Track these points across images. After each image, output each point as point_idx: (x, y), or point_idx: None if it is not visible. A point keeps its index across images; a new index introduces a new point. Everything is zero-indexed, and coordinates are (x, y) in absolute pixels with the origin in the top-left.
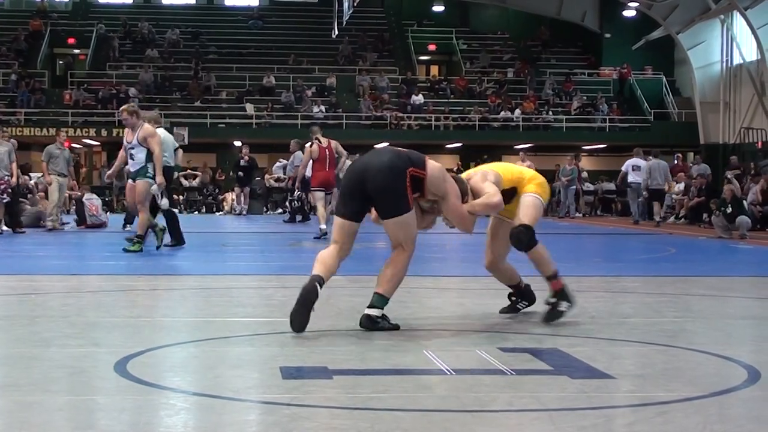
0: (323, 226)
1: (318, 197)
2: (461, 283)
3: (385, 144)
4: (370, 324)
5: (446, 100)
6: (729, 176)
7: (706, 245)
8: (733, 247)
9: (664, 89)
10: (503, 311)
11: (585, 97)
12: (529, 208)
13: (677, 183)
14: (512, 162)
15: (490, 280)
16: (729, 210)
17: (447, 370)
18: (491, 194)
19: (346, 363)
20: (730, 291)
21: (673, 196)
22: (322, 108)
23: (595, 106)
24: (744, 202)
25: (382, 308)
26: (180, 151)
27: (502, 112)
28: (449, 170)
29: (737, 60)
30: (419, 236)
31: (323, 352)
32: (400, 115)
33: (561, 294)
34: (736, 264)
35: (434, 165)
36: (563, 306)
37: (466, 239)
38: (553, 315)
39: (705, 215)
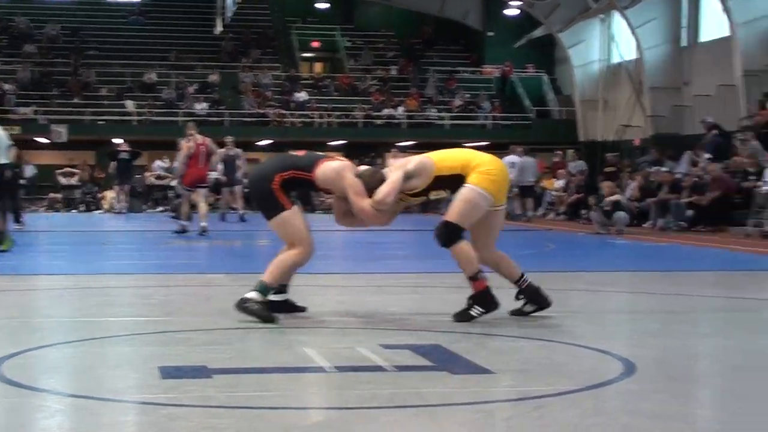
0: (204, 224)
1: (201, 194)
2: (342, 281)
3: (267, 142)
4: (239, 304)
5: (330, 98)
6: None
7: (584, 241)
8: (611, 243)
9: (546, 87)
10: (512, 313)
11: (468, 95)
12: (458, 202)
13: (557, 180)
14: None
15: (371, 278)
16: (607, 206)
17: (328, 367)
18: (380, 190)
19: (226, 362)
20: (608, 286)
21: (553, 192)
22: (205, 105)
23: (478, 104)
24: (621, 198)
25: (263, 293)
26: (14, 149)
27: (386, 110)
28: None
29: (616, 59)
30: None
31: (203, 351)
32: (283, 112)
33: (479, 298)
34: (614, 259)
35: (329, 166)
36: (475, 311)
37: (352, 236)
38: (462, 316)
39: (584, 211)
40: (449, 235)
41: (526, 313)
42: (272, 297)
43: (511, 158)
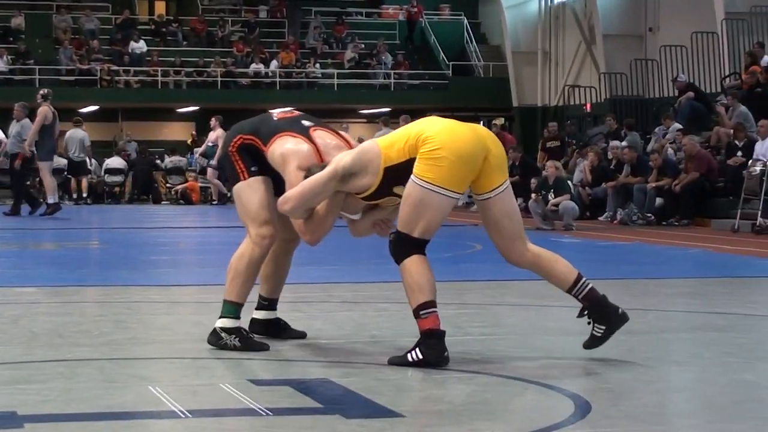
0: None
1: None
2: (198, 295)
3: (93, 108)
4: (212, 340)
5: (177, 49)
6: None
7: None
8: (556, 241)
9: (466, 35)
10: (586, 346)
11: (363, 46)
12: (403, 205)
13: None
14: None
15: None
16: (551, 194)
17: (181, 411)
18: (285, 195)
19: (43, 406)
20: (549, 298)
21: None
22: (6, 58)
23: (376, 57)
24: (569, 183)
25: (234, 317)
26: None
27: (253, 65)
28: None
29: None
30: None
31: (13, 392)
32: (115, 68)
33: (421, 341)
34: None
35: (281, 145)
36: (413, 356)
37: (209, 238)
38: (398, 357)
39: (520, 200)
40: (395, 247)
41: (599, 340)
42: (256, 314)
43: (384, 132)
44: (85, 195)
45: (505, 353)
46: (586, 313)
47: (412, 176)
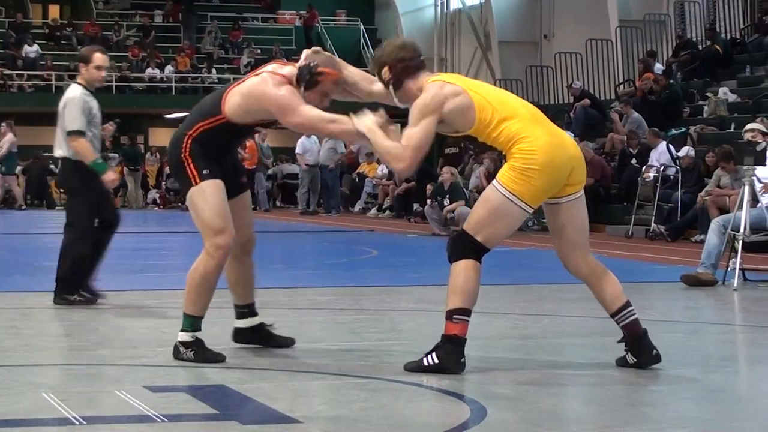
0: None
1: None
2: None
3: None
4: (174, 353)
5: (71, 53)
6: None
7: (417, 245)
8: None
9: (363, 41)
10: (618, 363)
11: (259, 51)
12: (477, 206)
13: (380, 164)
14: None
15: (135, 296)
16: (446, 199)
17: (75, 418)
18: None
19: None
20: (444, 304)
21: (374, 181)
22: None
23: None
24: (464, 189)
25: (191, 330)
26: None
27: (148, 70)
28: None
29: (455, 4)
30: None
31: None
32: (7, 72)
33: (442, 344)
34: None
35: (238, 89)
36: (429, 360)
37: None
38: (413, 369)
39: (416, 206)
40: (454, 245)
41: (628, 365)
42: (238, 323)
43: (304, 141)
44: None
45: (401, 359)
46: (624, 340)
47: (496, 181)
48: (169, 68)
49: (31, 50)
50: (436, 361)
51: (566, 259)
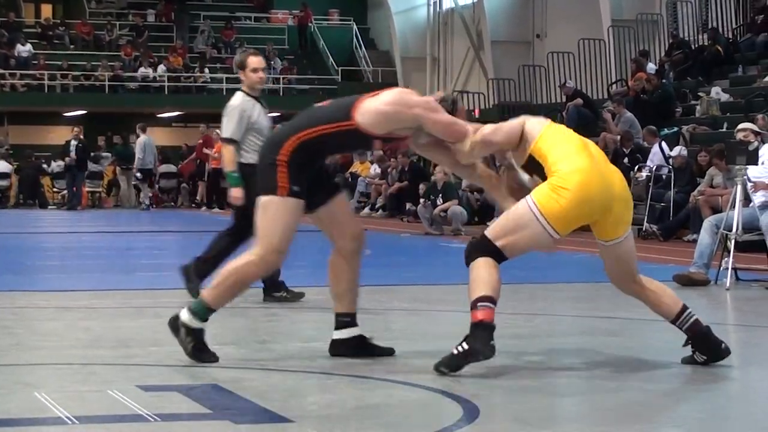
0: None
1: None
2: (86, 300)
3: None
4: (171, 324)
5: (64, 53)
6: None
7: (410, 244)
8: (445, 247)
9: (355, 40)
10: (684, 361)
11: (252, 50)
12: (505, 215)
13: (372, 163)
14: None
15: (127, 296)
16: (439, 199)
17: (68, 417)
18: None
19: None
20: (439, 303)
21: (366, 180)
22: None
23: (266, 62)
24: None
25: (198, 317)
26: None
27: (141, 69)
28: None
29: (448, 3)
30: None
31: None
32: (1, 71)
33: (470, 334)
34: (448, 268)
35: (378, 99)
36: (459, 348)
37: (99, 242)
38: (445, 363)
39: (409, 205)
40: (471, 249)
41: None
42: (338, 334)
43: None
44: None
45: (394, 358)
46: (690, 342)
47: (530, 194)
48: (161, 68)
49: (23, 50)
50: (466, 347)
51: (620, 286)
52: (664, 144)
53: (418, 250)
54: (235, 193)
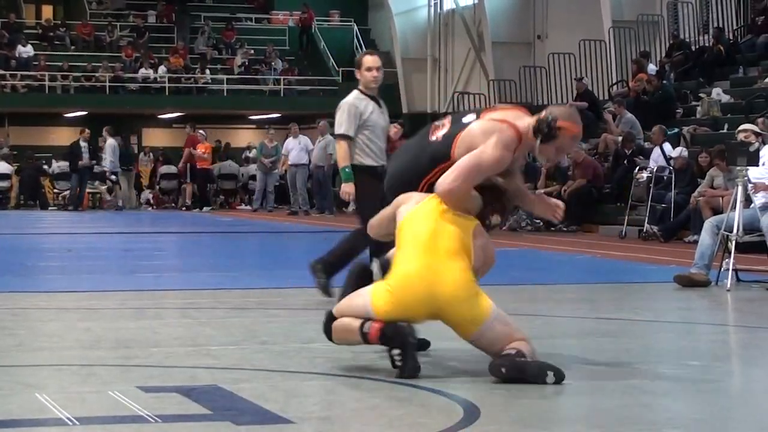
0: None
1: None
2: (86, 301)
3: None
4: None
5: (65, 53)
6: None
7: None
8: None
9: (356, 41)
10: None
11: (252, 51)
12: (350, 298)
13: None
14: None
15: (126, 297)
16: None
17: (69, 419)
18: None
19: None
20: None
21: None
22: None
23: (267, 63)
24: None
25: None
26: None
27: (142, 70)
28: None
29: (449, 5)
30: None
31: None
32: (1, 72)
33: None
34: None
35: (476, 126)
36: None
37: (99, 242)
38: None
39: None
40: (325, 327)
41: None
42: None
43: (289, 142)
44: None
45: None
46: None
47: (372, 286)
48: (162, 68)
49: (24, 50)
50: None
51: None
52: (665, 145)
53: None
54: (347, 188)
